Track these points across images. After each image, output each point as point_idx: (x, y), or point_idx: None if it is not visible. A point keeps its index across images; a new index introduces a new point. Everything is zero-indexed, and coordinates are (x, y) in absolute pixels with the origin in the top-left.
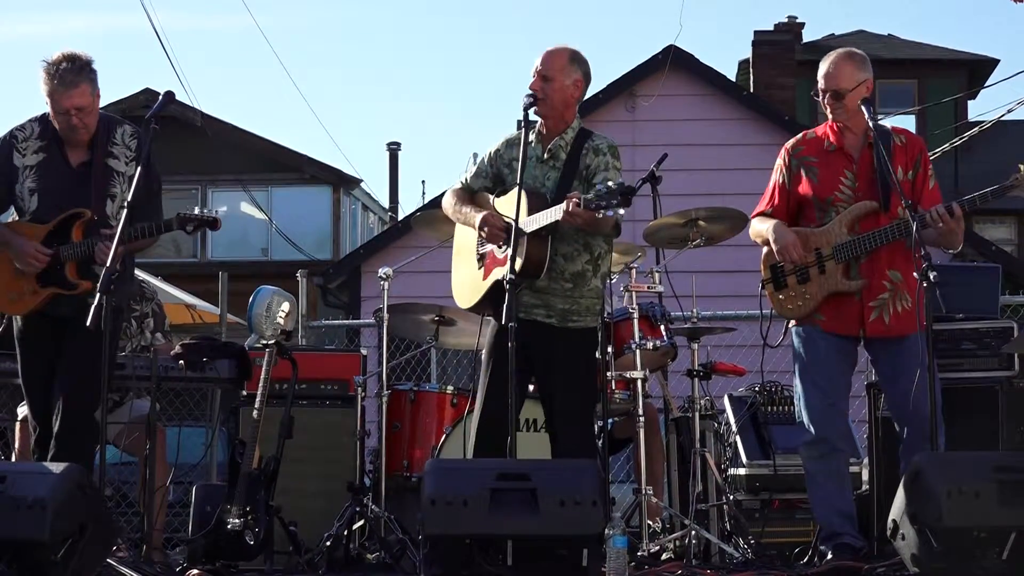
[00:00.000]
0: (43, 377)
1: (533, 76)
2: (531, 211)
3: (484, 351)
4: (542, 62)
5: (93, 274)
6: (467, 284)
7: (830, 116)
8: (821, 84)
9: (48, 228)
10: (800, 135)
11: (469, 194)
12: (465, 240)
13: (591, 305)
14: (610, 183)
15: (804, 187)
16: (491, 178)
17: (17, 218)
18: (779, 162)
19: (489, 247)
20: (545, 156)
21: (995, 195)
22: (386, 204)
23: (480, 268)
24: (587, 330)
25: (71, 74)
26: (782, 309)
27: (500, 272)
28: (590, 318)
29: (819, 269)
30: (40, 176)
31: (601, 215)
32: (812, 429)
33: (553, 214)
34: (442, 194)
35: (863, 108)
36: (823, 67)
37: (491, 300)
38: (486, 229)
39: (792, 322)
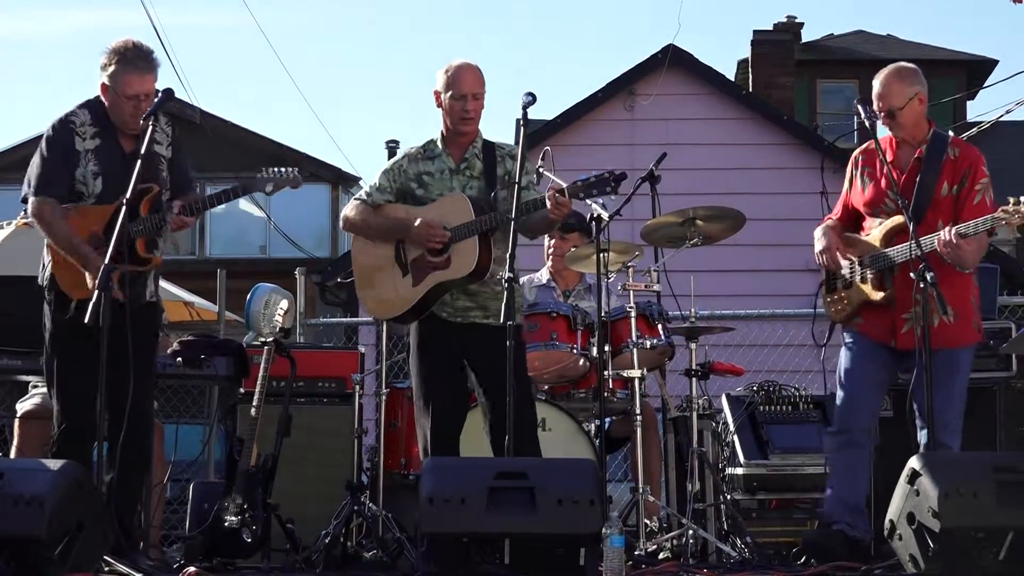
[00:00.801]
0: (92, 371)
1: (472, 99)
2: (478, 214)
3: (415, 357)
4: (481, 84)
5: (156, 252)
6: (393, 295)
7: (889, 132)
8: (875, 104)
9: (112, 208)
10: (865, 144)
11: (373, 209)
12: (375, 255)
13: (520, 304)
14: (595, 173)
15: (858, 196)
16: (393, 193)
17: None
18: (847, 170)
19: (417, 253)
20: (461, 167)
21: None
22: None
23: (407, 276)
24: (519, 327)
25: (144, 61)
26: (828, 311)
27: (442, 276)
28: (519, 316)
29: (860, 278)
30: (100, 160)
31: (591, 202)
32: (835, 422)
33: (538, 209)
34: None
35: (860, 107)
36: (875, 87)
37: (425, 305)
38: (428, 233)
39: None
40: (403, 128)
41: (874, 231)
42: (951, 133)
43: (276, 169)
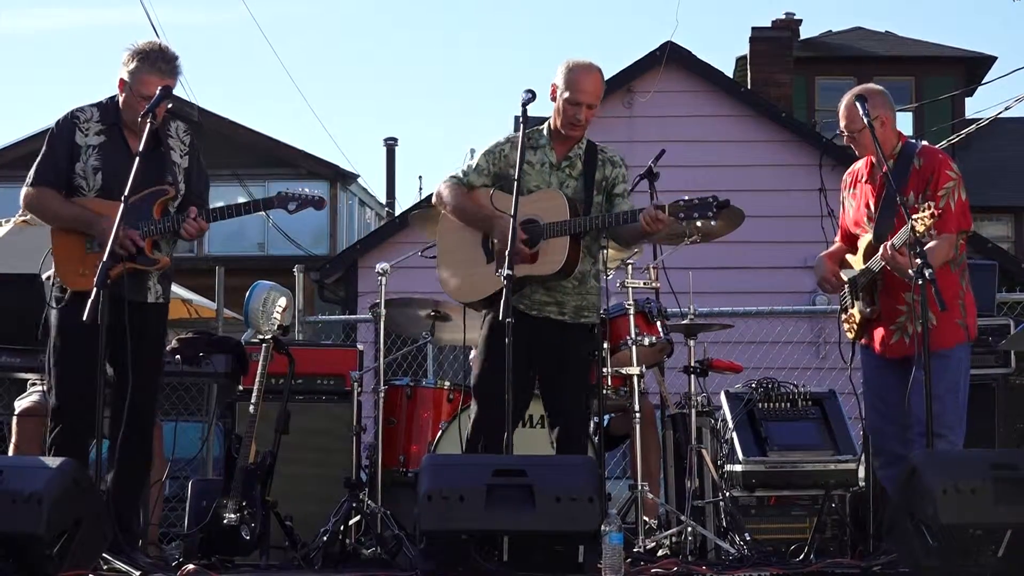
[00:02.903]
0: (92, 367)
1: (586, 108)
2: (572, 214)
3: (485, 343)
4: (599, 94)
5: (163, 253)
6: (474, 280)
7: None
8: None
9: (121, 205)
10: (851, 167)
11: (467, 190)
12: (462, 236)
13: (596, 301)
14: (699, 196)
15: (846, 216)
16: (491, 176)
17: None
18: (840, 194)
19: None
20: (562, 164)
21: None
22: (383, 199)
23: (491, 263)
24: (594, 326)
25: (167, 64)
26: (846, 328)
27: (525, 269)
28: (595, 315)
29: (855, 297)
30: (103, 156)
31: (689, 224)
32: (872, 441)
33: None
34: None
35: (857, 104)
36: (839, 108)
37: (501, 295)
38: (507, 238)
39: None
40: (401, 125)
41: (858, 251)
42: (923, 142)
43: (303, 191)
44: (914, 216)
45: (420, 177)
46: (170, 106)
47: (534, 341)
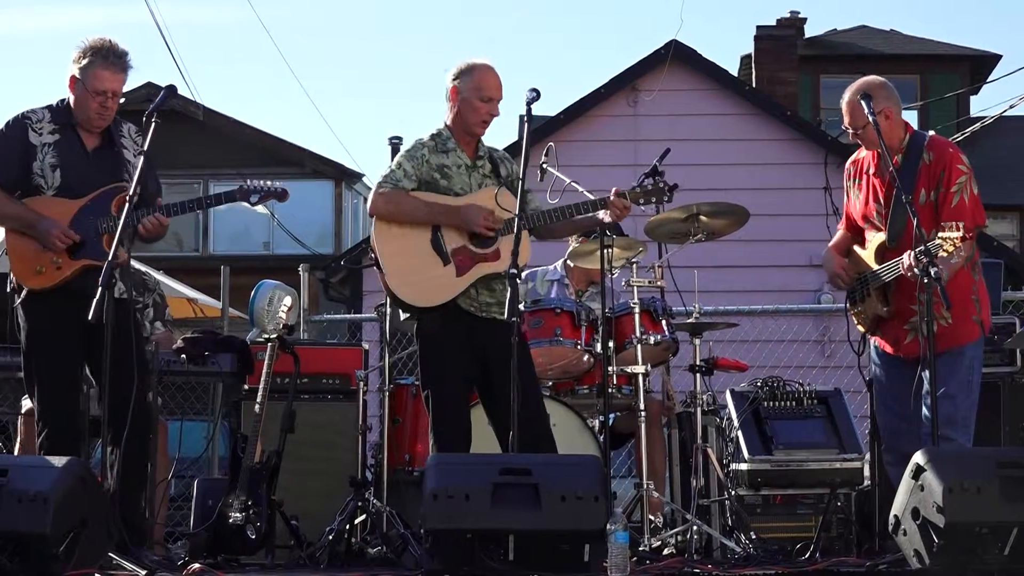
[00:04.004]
0: (67, 365)
1: (496, 104)
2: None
3: (433, 345)
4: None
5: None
6: (433, 284)
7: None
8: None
9: (82, 203)
10: (855, 155)
11: (404, 193)
12: (407, 243)
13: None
14: (651, 182)
15: (852, 206)
16: (416, 181)
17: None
18: (843, 182)
19: (458, 243)
20: (476, 164)
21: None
22: None
23: (448, 265)
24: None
25: (118, 59)
26: (855, 322)
27: (488, 268)
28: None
29: (868, 293)
30: (59, 154)
31: (648, 207)
32: (885, 439)
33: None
34: None
35: (862, 103)
36: (841, 103)
37: (463, 295)
38: (484, 217)
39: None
40: (406, 124)
41: (869, 246)
42: (931, 133)
43: (263, 183)
44: (941, 235)
45: None
46: (123, 101)
47: (486, 341)
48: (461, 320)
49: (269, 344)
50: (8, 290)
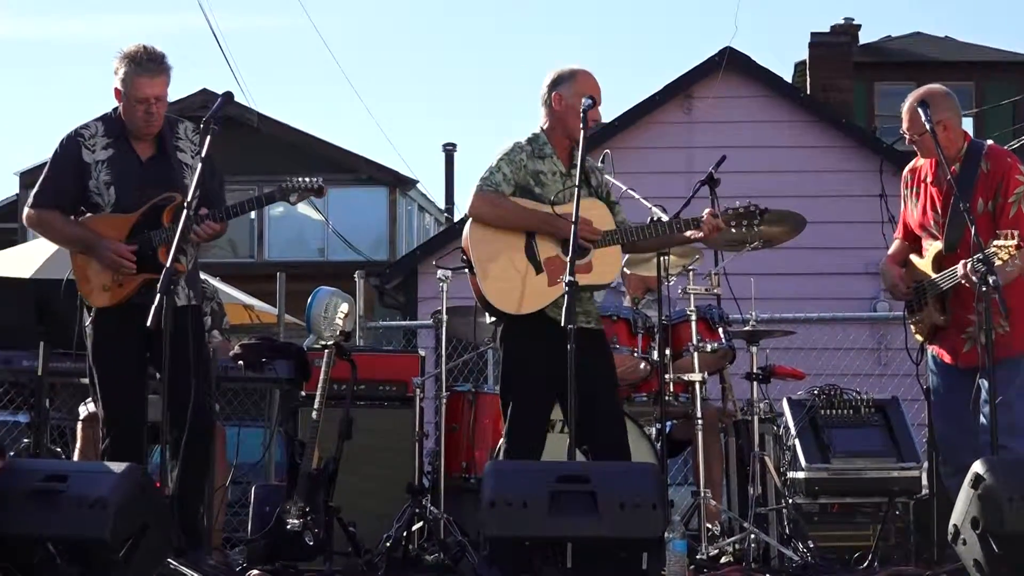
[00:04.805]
0: (131, 375)
1: (596, 105)
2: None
3: (512, 355)
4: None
5: (178, 260)
6: (523, 290)
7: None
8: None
9: (135, 218)
10: (912, 162)
11: (502, 199)
12: (501, 246)
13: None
14: (743, 205)
15: (909, 215)
16: (514, 185)
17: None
18: (900, 190)
19: (552, 252)
20: (571, 172)
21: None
22: (442, 205)
23: (540, 273)
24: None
25: (154, 63)
26: (913, 331)
27: (582, 279)
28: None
29: (925, 302)
30: (113, 169)
31: (654, 207)
32: (941, 450)
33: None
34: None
35: (919, 110)
36: (902, 111)
37: (555, 305)
38: (584, 228)
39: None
40: (460, 130)
41: (926, 255)
42: (989, 143)
43: (300, 179)
44: (996, 243)
45: None
46: (171, 101)
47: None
48: (547, 328)
49: (326, 351)
50: (77, 303)
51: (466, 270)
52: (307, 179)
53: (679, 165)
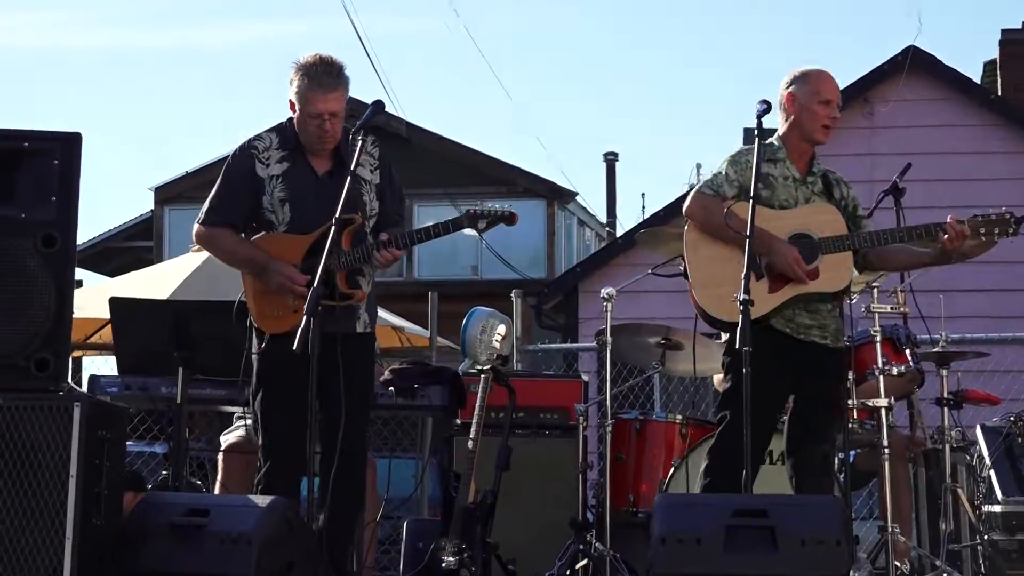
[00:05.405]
0: (297, 405)
1: (832, 104)
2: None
3: (733, 367)
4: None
5: (359, 286)
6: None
7: None
8: None
9: (311, 239)
10: None
11: (720, 201)
12: (721, 250)
13: (843, 325)
14: (995, 211)
15: None
16: (739, 187)
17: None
18: None
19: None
20: (807, 179)
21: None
22: (603, 219)
23: (761, 279)
24: (847, 351)
25: (330, 77)
26: None
27: (804, 287)
28: (844, 339)
29: None
30: (288, 185)
31: (988, 239)
32: None
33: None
34: (673, 204)
35: None
36: None
37: (773, 315)
38: (791, 259)
39: None
40: (623, 139)
41: None
42: None
43: (490, 206)
44: None
45: (643, 195)
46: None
47: (802, 366)
48: (774, 341)
49: (482, 376)
50: (247, 327)
51: (683, 276)
52: (497, 206)
53: (861, 174)
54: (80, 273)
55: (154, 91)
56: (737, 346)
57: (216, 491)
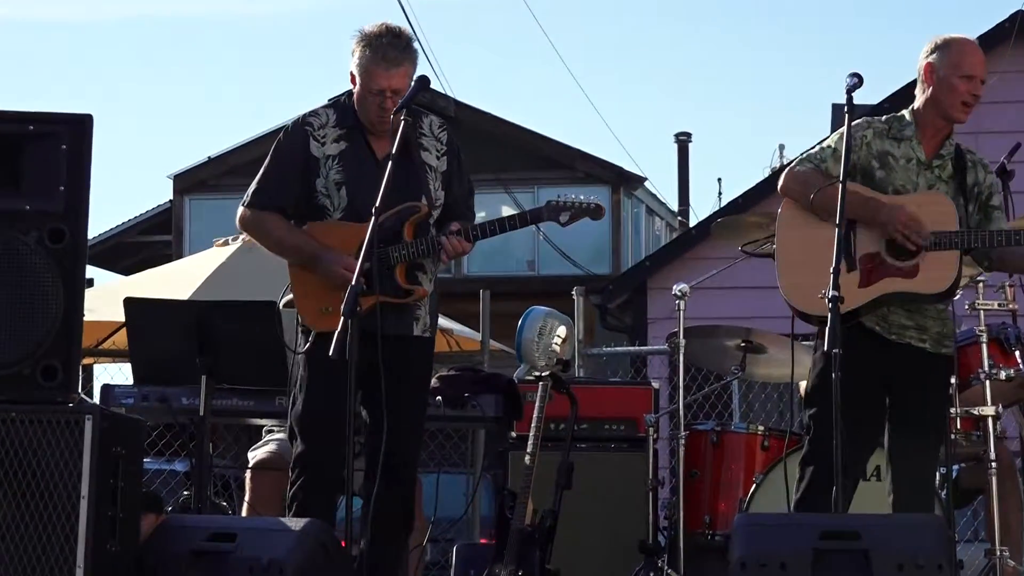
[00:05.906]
0: (341, 413)
1: (975, 80)
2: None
3: (821, 366)
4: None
5: (419, 282)
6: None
7: None
8: None
9: (368, 226)
10: None
11: (823, 175)
12: (812, 233)
13: (953, 329)
14: None
15: None
16: (850, 165)
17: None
18: None
19: (872, 248)
20: (933, 163)
21: None
22: (675, 207)
23: (852, 271)
24: (952, 359)
25: (395, 51)
26: None
27: (900, 284)
28: (953, 344)
29: None
30: (345, 167)
31: None
32: None
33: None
34: (753, 190)
35: None
36: None
37: (863, 311)
38: (908, 226)
39: None
40: (694, 119)
41: None
42: None
43: (574, 197)
44: None
45: (719, 180)
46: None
47: (894, 371)
48: (865, 340)
49: (541, 383)
50: (288, 326)
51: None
52: (581, 197)
53: None
54: (91, 271)
55: (173, 66)
56: (826, 348)
57: (243, 513)
